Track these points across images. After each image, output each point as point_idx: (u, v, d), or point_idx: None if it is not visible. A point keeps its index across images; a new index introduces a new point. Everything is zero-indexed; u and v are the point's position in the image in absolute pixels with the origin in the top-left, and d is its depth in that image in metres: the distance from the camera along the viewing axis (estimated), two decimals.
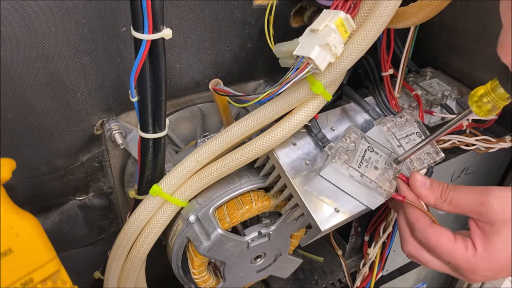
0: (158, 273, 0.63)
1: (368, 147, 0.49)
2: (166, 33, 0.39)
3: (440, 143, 0.60)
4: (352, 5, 0.40)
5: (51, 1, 0.42)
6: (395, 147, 0.51)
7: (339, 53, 0.39)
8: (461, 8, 0.63)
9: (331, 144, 0.48)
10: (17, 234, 0.33)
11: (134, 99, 0.43)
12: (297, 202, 0.48)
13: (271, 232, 0.54)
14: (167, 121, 0.47)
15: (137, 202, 0.51)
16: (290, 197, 0.49)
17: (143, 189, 0.51)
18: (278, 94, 0.43)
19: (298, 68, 0.40)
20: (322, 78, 0.42)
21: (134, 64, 0.40)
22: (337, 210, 0.47)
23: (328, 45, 0.38)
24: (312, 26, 0.39)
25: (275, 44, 0.53)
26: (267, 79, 0.63)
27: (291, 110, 0.45)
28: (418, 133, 0.54)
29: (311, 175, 0.48)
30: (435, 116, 0.63)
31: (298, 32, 0.43)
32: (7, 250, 0.33)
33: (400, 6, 0.42)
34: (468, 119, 0.62)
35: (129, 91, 0.43)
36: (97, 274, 0.60)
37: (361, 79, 0.61)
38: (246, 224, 0.56)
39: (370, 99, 0.58)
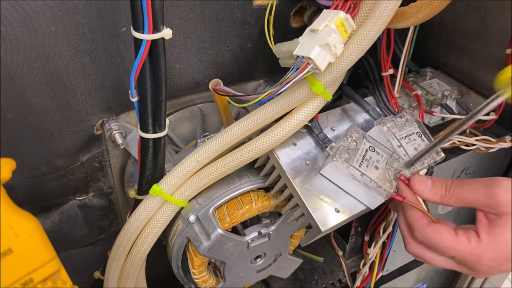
0: (158, 273, 0.63)
1: (370, 147, 0.49)
2: (166, 33, 0.39)
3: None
4: (352, 5, 0.40)
5: (51, 1, 0.42)
6: (396, 147, 0.51)
7: (339, 53, 0.39)
8: (461, 8, 0.63)
9: (333, 144, 0.48)
10: (17, 234, 0.33)
11: (134, 99, 0.43)
12: (297, 202, 0.48)
13: (271, 232, 0.54)
14: (167, 121, 0.47)
15: (137, 202, 0.51)
16: (290, 197, 0.49)
17: (143, 189, 0.51)
18: (278, 94, 0.43)
19: (298, 68, 0.40)
20: (322, 78, 0.42)
21: (134, 64, 0.40)
22: (337, 210, 0.47)
23: (328, 45, 0.38)
24: (312, 26, 0.39)
25: (275, 44, 0.53)
26: (267, 79, 0.63)
27: (291, 110, 0.45)
28: (419, 133, 0.54)
29: (312, 175, 0.48)
30: (435, 116, 0.63)
31: (298, 32, 0.43)
32: (7, 250, 0.33)
33: (400, 6, 0.42)
34: None
35: (129, 91, 0.43)
36: (97, 274, 0.60)
37: (361, 79, 0.61)
38: (246, 224, 0.56)
39: (370, 99, 0.58)
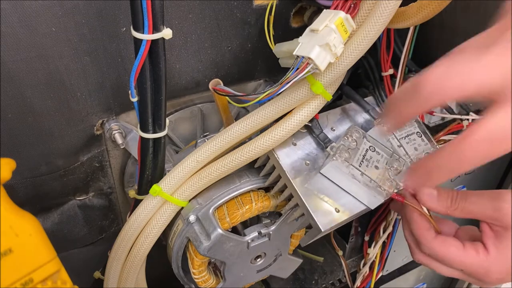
0: (158, 273, 0.63)
1: (370, 147, 0.49)
2: (166, 33, 0.39)
3: (440, 143, 0.60)
4: (352, 5, 0.40)
5: (51, 1, 0.42)
6: (396, 147, 0.51)
7: (339, 53, 0.39)
8: (461, 8, 0.63)
9: (333, 145, 0.48)
10: (17, 234, 0.33)
11: (134, 99, 0.43)
12: (297, 202, 0.48)
13: (271, 232, 0.54)
14: (167, 121, 0.47)
15: (137, 202, 0.51)
16: (290, 197, 0.49)
17: (143, 189, 0.51)
18: (278, 94, 0.43)
19: (298, 68, 0.40)
20: (322, 78, 0.42)
21: (134, 64, 0.40)
22: (338, 210, 0.47)
23: (328, 45, 0.38)
24: (312, 26, 0.39)
25: (275, 44, 0.52)
26: (267, 79, 0.63)
27: (291, 110, 0.45)
28: (419, 133, 0.54)
29: (312, 175, 0.48)
30: (435, 116, 0.62)
31: (298, 32, 0.43)
32: (7, 250, 0.33)
33: (400, 6, 0.42)
34: (469, 119, 0.62)
35: (129, 91, 0.43)
36: (97, 274, 0.60)
37: (361, 79, 0.61)
38: (246, 224, 0.56)
39: (370, 99, 0.58)
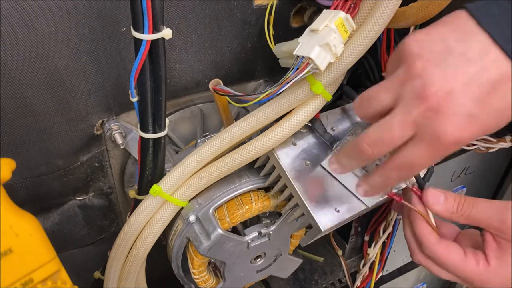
0: (158, 273, 0.63)
1: None
2: (166, 33, 0.39)
3: None
4: (352, 5, 0.40)
5: (51, 1, 0.42)
6: None
7: (339, 53, 0.39)
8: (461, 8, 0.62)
9: (338, 143, 0.48)
10: (17, 234, 0.33)
11: (134, 99, 0.43)
12: (297, 202, 0.48)
13: (271, 232, 0.54)
14: (167, 121, 0.47)
15: (137, 202, 0.51)
16: (290, 197, 0.49)
17: (143, 189, 0.51)
18: (278, 94, 0.43)
19: (298, 68, 0.40)
20: (322, 78, 0.42)
21: (134, 64, 0.40)
22: (337, 210, 0.47)
23: (328, 45, 0.38)
24: (312, 26, 0.39)
25: (275, 44, 0.52)
26: (267, 79, 0.63)
27: (291, 110, 0.45)
28: None
29: (312, 175, 0.48)
30: None
31: (298, 32, 0.43)
32: (7, 250, 0.33)
33: (400, 6, 0.42)
34: None
35: (129, 91, 0.43)
36: (97, 274, 0.60)
37: (361, 79, 0.61)
38: (246, 224, 0.56)
39: None
